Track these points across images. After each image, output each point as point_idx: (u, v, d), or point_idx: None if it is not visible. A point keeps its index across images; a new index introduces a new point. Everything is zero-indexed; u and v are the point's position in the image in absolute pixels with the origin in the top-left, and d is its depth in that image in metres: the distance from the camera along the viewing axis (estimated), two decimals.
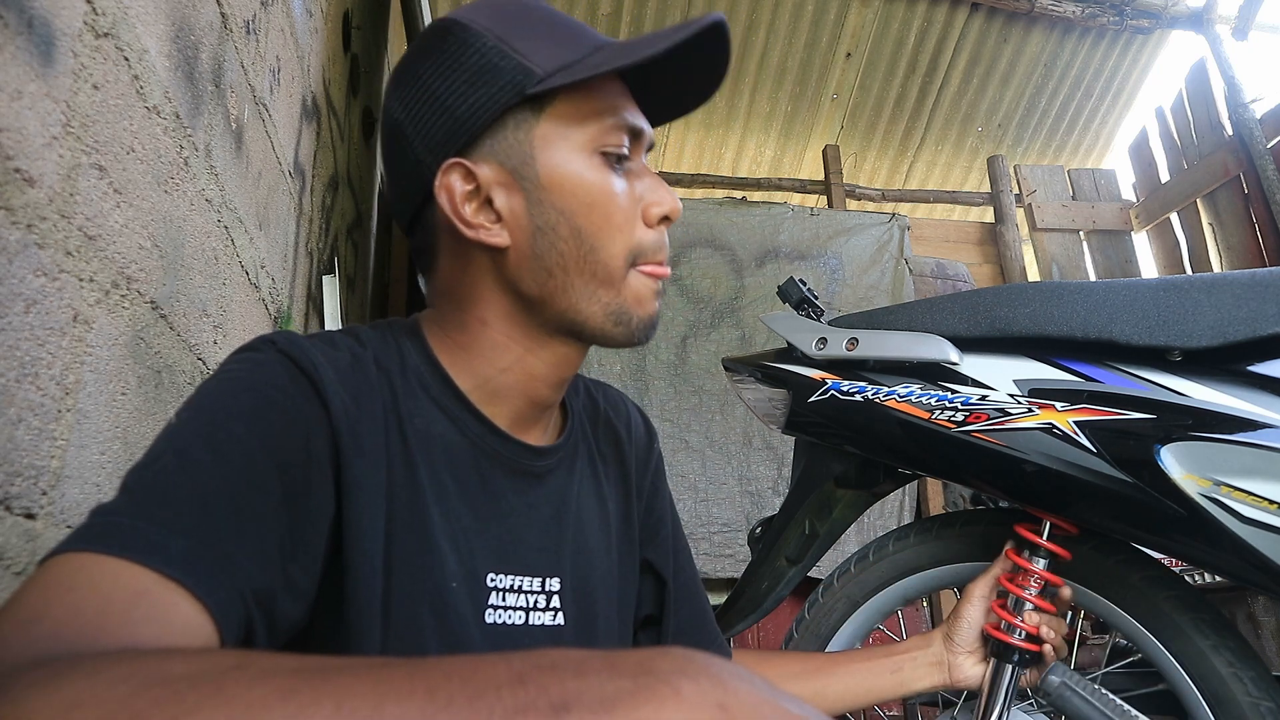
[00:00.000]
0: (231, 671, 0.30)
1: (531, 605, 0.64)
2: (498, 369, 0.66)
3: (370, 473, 0.57)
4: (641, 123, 0.66)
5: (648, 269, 0.66)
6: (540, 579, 0.66)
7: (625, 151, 0.65)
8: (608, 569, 0.73)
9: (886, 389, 0.97)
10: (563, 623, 0.66)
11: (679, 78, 0.69)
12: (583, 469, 0.74)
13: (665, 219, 0.66)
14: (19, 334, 0.62)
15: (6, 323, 0.60)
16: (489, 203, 0.63)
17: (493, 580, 0.63)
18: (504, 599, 0.63)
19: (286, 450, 0.52)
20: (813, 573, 1.27)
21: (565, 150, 0.63)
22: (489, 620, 0.62)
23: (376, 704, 0.27)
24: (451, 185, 0.63)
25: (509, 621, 0.63)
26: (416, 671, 0.29)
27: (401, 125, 0.65)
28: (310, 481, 0.53)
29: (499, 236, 0.63)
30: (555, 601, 0.66)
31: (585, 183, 0.63)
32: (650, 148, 0.69)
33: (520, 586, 0.64)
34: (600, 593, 0.71)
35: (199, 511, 0.46)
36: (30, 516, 0.64)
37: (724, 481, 2.81)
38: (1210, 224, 3.27)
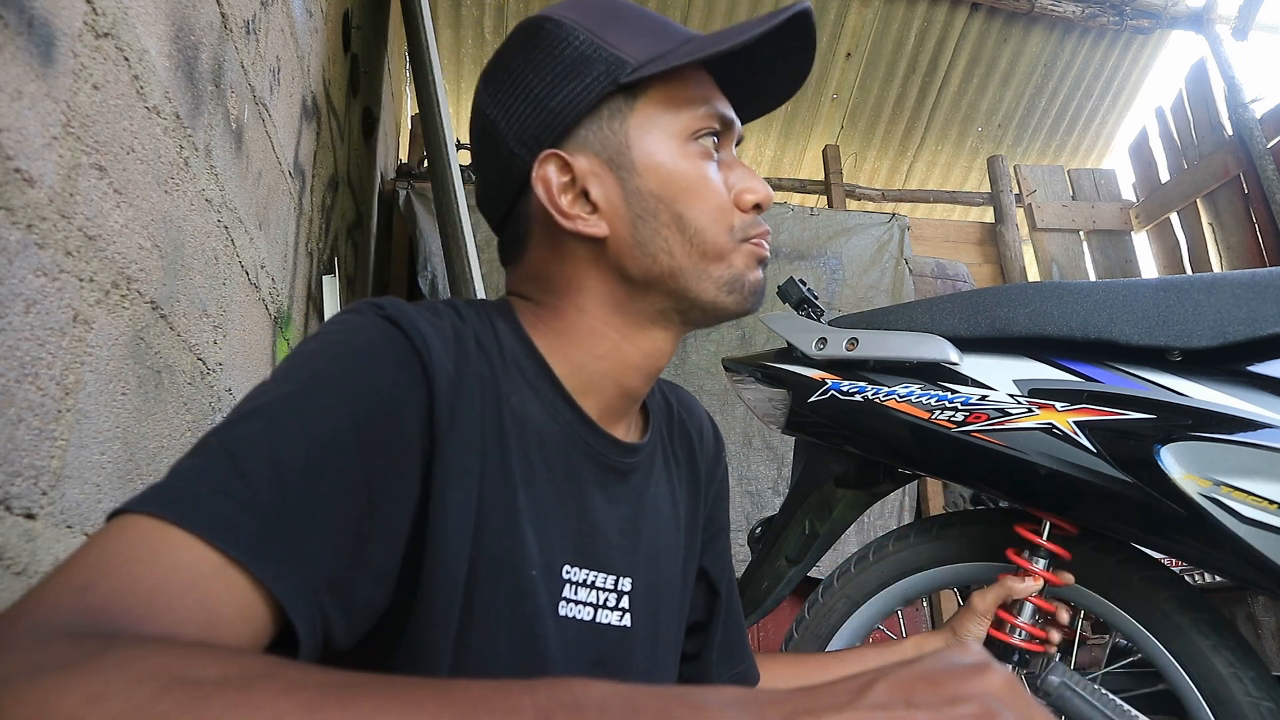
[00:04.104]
0: (259, 680, 0.29)
1: (601, 603, 0.63)
2: (593, 355, 0.65)
3: (463, 452, 0.55)
4: (731, 113, 0.67)
5: (753, 241, 0.66)
6: (614, 577, 0.64)
7: (717, 138, 0.65)
8: (674, 574, 0.72)
9: (886, 389, 0.97)
10: (629, 624, 0.64)
11: (765, 72, 0.70)
12: (659, 471, 0.73)
13: (757, 207, 0.66)
14: (19, 334, 0.62)
15: (6, 323, 0.60)
16: (584, 194, 0.64)
17: (568, 572, 0.61)
18: (576, 593, 0.61)
19: (376, 426, 0.50)
20: (813, 573, 1.27)
21: (660, 137, 0.63)
22: (561, 613, 0.60)
23: None
24: (548, 176, 0.63)
25: (577, 616, 0.61)
26: (444, 699, 0.28)
27: (494, 121, 0.66)
28: (398, 460, 0.51)
29: (597, 227, 0.63)
30: (625, 602, 0.64)
31: (681, 169, 0.63)
32: (740, 141, 0.70)
33: (593, 582, 0.62)
34: (665, 597, 0.70)
35: (276, 488, 0.44)
36: (30, 516, 0.64)
37: None
38: (1210, 224, 3.27)
